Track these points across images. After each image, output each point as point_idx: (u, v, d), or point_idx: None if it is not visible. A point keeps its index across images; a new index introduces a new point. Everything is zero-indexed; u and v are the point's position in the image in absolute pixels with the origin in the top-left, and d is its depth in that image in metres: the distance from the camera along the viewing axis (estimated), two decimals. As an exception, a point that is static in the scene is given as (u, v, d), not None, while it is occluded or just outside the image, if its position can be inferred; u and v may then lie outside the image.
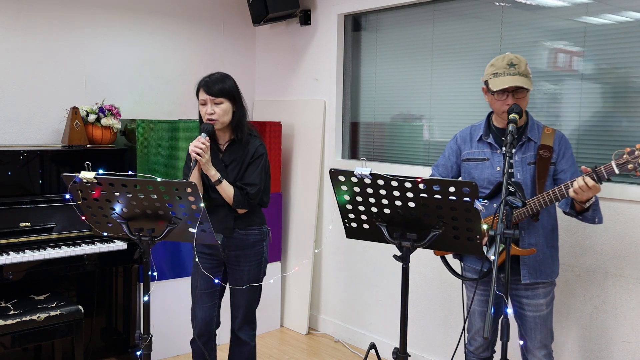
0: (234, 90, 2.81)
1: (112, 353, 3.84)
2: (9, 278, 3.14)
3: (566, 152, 2.56)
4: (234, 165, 2.83)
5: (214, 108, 2.76)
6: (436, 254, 2.81)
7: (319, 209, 4.43)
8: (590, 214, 2.41)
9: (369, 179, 2.11)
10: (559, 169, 2.55)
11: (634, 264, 2.88)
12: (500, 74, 2.48)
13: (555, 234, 2.64)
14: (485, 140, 2.63)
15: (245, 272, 2.91)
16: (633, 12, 2.92)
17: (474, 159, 2.66)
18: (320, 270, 4.52)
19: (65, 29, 3.97)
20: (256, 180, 2.81)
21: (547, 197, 2.40)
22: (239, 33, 4.85)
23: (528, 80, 2.47)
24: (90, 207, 2.40)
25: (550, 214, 2.60)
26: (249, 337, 3.02)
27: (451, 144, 2.77)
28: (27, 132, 3.85)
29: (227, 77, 2.83)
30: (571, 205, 2.45)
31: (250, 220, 2.87)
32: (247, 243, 2.87)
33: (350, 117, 4.38)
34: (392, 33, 4.07)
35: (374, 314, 4.16)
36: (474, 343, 2.76)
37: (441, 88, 3.78)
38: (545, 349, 2.61)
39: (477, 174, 2.63)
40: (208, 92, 2.75)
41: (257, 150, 2.84)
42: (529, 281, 2.55)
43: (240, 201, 2.78)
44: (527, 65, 2.51)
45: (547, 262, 2.58)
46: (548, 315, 2.61)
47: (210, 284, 2.93)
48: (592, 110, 3.10)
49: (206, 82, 2.78)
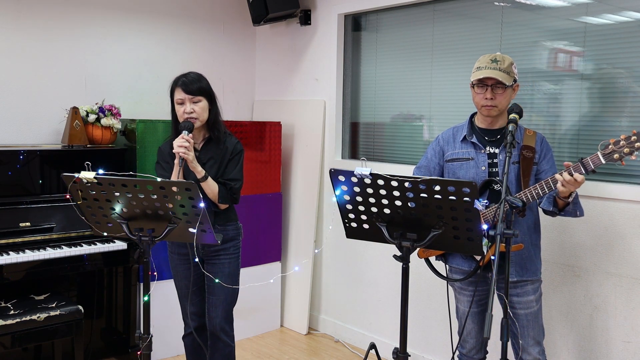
0: (209, 88, 2.87)
1: (112, 353, 3.84)
2: (9, 278, 3.14)
3: (547, 154, 2.63)
4: (211, 162, 2.87)
5: (193, 107, 2.79)
6: (420, 256, 2.80)
7: (319, 209, 4.43)
8: (571, 207, 2.45)
9: (369, 179, 2.11)
10: (541, 169, 2.61)
11: (634, 264, 2.89)
12: (482, 67, 2.55)
13: (538, 232, 2.68)
14: (469, 140, 2.67)
15: (226, 265, 2.95)
16: (633, 12, 2.92)
17: (458, 159, 2.69)
18: (320, 270, 4.52)
19: (65, 29, 3.97)
20: (238, 176, 2.89)
21: (534, 191, 2.42)
22: (239, 33, 4.85)
23: (507, 77, 2.51)
24: (90, 207, 2.40)
25: (533, 213, 2.64)
26: (230, 338, 3.01)
27: (433, 145, 2.80)
28: (27, 132, 3.85)
29: (202, 76, 2.88)
30: (554, 203, 2.48)
31: (227, 216, 2.94)
32: (226, 238, 2.92)
33: (350, 117, 4.39)
34: (392, 33, 4.07)
35: (374, 314, 4.16)
36: (466, 345, 2.78)
37: (441, 88, 3.78)
38: (538, 345, 2.63)
39: (462, 173, 2.66)
40: (186, 90, 2.79)
41: (236, 147, 2.91)
42: (516, 279, 2.58)
43: (224, 196, 2.84)
44: (512, 65, 2.55)
45: (532, 259, 2.62)
46: (538, 311, 2.64)
47: (197, 281, 2.97)
48: (592, 110, 3.10)
49: (183, 81, 2.81)
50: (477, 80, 2.54)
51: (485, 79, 2.52)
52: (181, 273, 2.96)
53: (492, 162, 2.61)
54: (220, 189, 2.83)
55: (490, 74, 2.50)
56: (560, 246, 3.12)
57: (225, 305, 2.96)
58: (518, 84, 2.61)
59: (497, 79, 2.49)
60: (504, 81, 2.50)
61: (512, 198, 2.26)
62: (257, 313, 4.42)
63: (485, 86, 2.54)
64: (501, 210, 2.16)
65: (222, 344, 2.98)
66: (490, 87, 2.52)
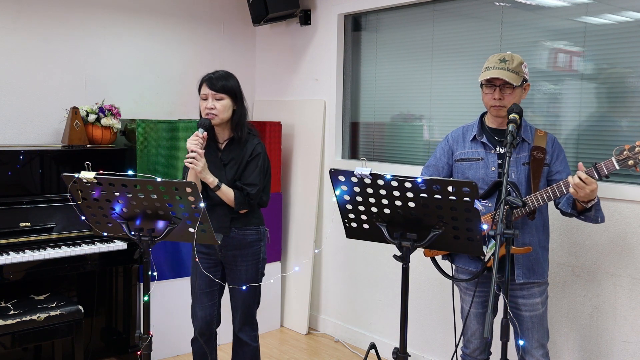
0: (236, 88, 2.85)
1: (112, 353, 3.84)
2: (9, 278, 3.14)
3: (560, 154, 2.59)
4: (232, 164, 2.84)
5: (215, 103, 2.79)
6: (426, 255, 2.79)
7: (319, 209, 4.43)
8: (592, 213, 2.40)
9: (369, 179, 2.11)
10: (554, 170, 2.56)
11: (634, 264, 2.89)
12: (490, 67, 2.53)
13: (547, 234, 2.65)
14: (479, 140, 2.64)
15: (243, 272, 2.91)
16: (633, 12, 2.92)
17: (467, 158, 2.66)
18: (320, 270, 4.52)
19: (65, 29, 3.97)
20: (256, 180, 2.82)
21: (545, 195, 2.40)
22: (239, 33, 4.85)
23: (516, 77, 2.49)
24: (90, 207, 2.40)
25: (542, 215, 2.61)
26: (250, 338, 3.01)
27: (442, 144, 2.78)
28: (27, 132, 3.85)
29: (231, 76, 2.87)
30: (573, 205, 2.44)
31: (247, 220, 2.88)
32: (244, 243, 2.87)
33: (350, 117, 4.38)
34: (392, 33, 4.07)
35: (374, 314, 4.16)
36: (470, 346, 2.75)
37: (441, 88, 3.78)
38: (542, 348, 2.61)
39: (472, 173, 2.63)
40: (210, 86, 2.80)
41: (255, 149, 2.86)
42: (523, 281, 2.56)
43: (241, 202, 2.80)
44: (521, 65, 2.52)
45: (540, 262, 2.60)
46: (543, 314, 2.62)
47: (209, 284, 2.94)
48: (592, 110, 3.10)
49: (210, 77, 2.83)
50: (485, 80, 2.52)
51: (493, 79, 2.50)
52: (200, 272, 2.91)
53: (501, 163, 2.57)
54: (237, 195, 2.79)
55: (498, 74, 2.48)
56: (560, 246, 3.12)
57: (244, 308, 2.97)
58: (529, 83, 2.59)
59: (505, 80, 2.47)
60: (511, 81, 2.47)
61: (512, 198, 2.26)
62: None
63: (493, 86, 2.52)
64: (501, 210, 2.16)
65: (244, 343, 3.00)
66: (499, 88, 2.50)
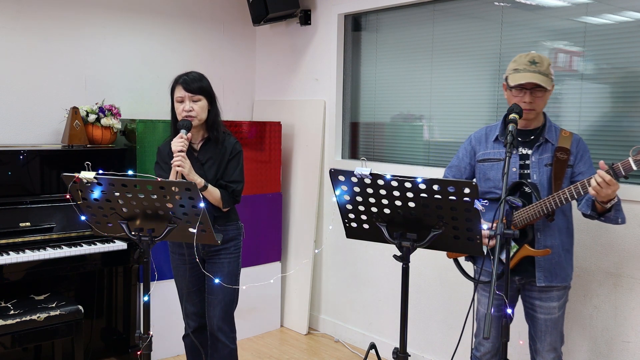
0: (210, 88, 2.88)
1: (112, 353, 3.84)
2: (9, 278, 3.14)
3: (584, 155, 2.54)
4: (210, 162, 2.87)
5: (192, 105, 2.81)
6: (449, 257, 2.78)
7: (319, 209, 4.43)
8: (612, 214, 2.37)
9: (369, 179, 2.11)
10: (577, 171, 2.52)
11: (633, 264, 2.88)
12: (520, 70, 2.47)
13: (570, 237, 2.60)
14: (501, 141, 2.61)
15: (226, 264, 2.95)
16: (633, 12, 2.92)
17: (489, 159, 2.64)
18: (320, 270, 4.52)
19: (65, 29, 3.97)
20: (239, 177, 2.90)
21: (562, 196, 2.36)
22: (239, 33, 4.85)
23: (547, 80, 2.45)
24: (90, 207, 2.40)
25: (566, 217, 2.57)
26: (229, 340, 2.97)
27: (465, 145, 2.75)
28: (27, 132, 3.85)
29: (203, 77, 2.90)
30: (592, 207, 2.41)
31: (228, 217, 2.94)
32: (226, 238, 2.93)
33: (350, 117, 4.38)
34: (392, 33, 4.07)
35: (374, 314, 4.16)
36: (481, 348, 2.71)
37: (441, 88, 3.78)
38: (554, 352, 2.58)
39: (493, 174, 2.61)
40: (186, 89, 2.80)
41: (235, 147, 2.91)
42: (544, 284, 2.52)
43: (227, 200, 2.86)
44: (549, 66, 2.49)
45: (562, 265, 2.55)
46: (559, 318, 2.58)
47: (196, 282, 2.98)
48: (592, 110, 3.10)
49: (184, 79, 2.83)
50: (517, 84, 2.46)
51: (525, 83, 2.44)
52: (181, 273, 2.96)
53: (523, 164, 2.55)
54: (223, 194, 2.84)
55: (532, 78, 2.42)
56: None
57: (223, 305, 2.94)
58: (554, 84, 2.55)
59: (538, 84, 2.42)
60: (545, 85, 2.43)
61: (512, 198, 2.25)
62: (257, 313, 4.42)
63: (523, 89, 2.46)
64: (501, 210, 2.15)
65: (221, 344, 2.95)
66: (529, 91, 2.45)
